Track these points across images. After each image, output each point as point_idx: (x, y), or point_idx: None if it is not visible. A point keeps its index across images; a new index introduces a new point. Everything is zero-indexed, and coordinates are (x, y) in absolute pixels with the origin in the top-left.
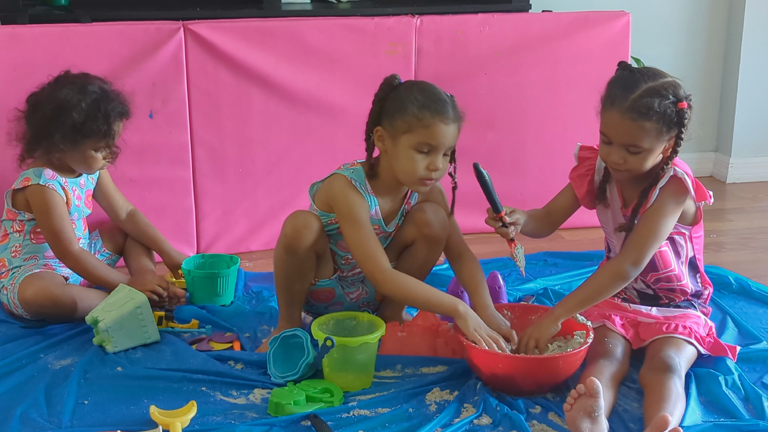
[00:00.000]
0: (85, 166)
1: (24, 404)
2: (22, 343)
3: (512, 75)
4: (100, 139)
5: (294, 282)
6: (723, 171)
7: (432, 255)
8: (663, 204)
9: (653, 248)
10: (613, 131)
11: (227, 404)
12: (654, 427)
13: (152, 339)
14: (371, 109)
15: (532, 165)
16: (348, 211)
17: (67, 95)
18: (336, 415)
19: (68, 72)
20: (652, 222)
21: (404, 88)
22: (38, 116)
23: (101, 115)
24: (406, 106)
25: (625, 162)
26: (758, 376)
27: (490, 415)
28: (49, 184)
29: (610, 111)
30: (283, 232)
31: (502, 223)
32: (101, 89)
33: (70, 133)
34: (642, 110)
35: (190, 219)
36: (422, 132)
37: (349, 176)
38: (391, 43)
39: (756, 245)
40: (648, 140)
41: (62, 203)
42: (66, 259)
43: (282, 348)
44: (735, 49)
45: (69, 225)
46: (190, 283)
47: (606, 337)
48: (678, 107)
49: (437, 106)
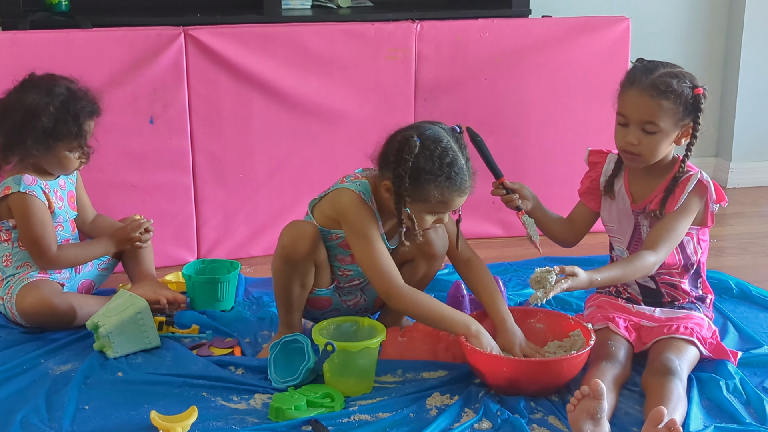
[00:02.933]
0: (61, 168)
1: (25, 409)
2: (23, 348)
3: (512, 80)
4: (73, 140)
5: (293, 290)
6: (723, 176)
7: (431, 269)
8: (689, 207)
9: (673, 247)
10: (632, 109)
11: (228, 409)
12: (650, 421)
13: (153, 344)
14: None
15: (533, 170)
16: (361, 227)
17: (34, 100)
18: (337, 420)
19: (33, 74)
20: (678, 222)
21: (424, 158)
22: (7, 123)
23: (71, 116)
24: (428, 186)
25: (640, 143)
26: (760, 381)
27: (491, 419)
28: (30, 191)
29: (629, 90)
30: (280, 243)
31: (505, 190)
32: (68, 89)
33: (42, 137)
34: (661, 87)
35: (190, 224)
36: (440, 206)
37: (357, 190)
38: (391, 49)
39: (756, 250)
40: (665, 120)
41: (43, 209)
42: (46, 265)
43: (283, 353)
44: (735, 54)
45: (50, 230)
46: (190, 289)
47: (609, 340)
48: (695, 92)
49: (457, 183)
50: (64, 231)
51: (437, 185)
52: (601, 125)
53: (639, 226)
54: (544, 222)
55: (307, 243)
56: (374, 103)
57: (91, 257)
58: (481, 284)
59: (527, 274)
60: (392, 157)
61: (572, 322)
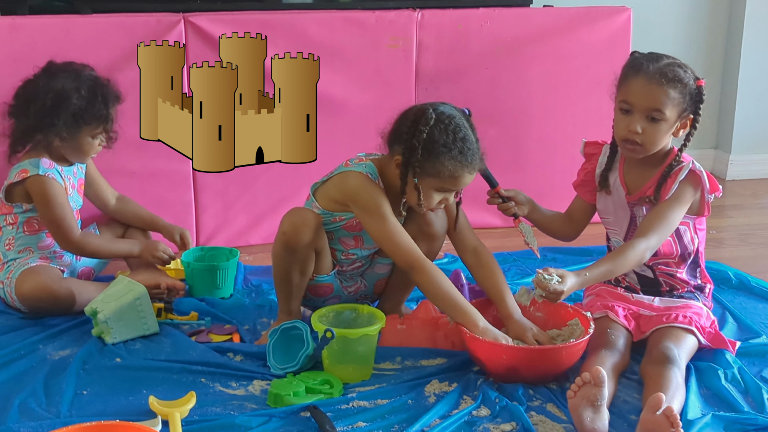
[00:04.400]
0: (80, 154)
1: (23, 394)
2: (21, 333)
3: (513, 70)
4: (99, 125)
5: (293, 278)
6: (723, 168)
7: (431, 251)
8: (681, 196)
9: (666, 236)
10: (638, 96)
11: (226, 395)
12: (649, 407)
13: (151, 331)
14: (394, 128)
15: (533, 160)
16: (373, 205)
17: (65, 84)
18: (335, 406)
19: (53, 62)
20: (670, 211)
21: (438, 131)
22: (37, 106)
23: (100, 100)
24: (440, 158)
25: (643, 132)
26: (758, 370)
27: (489, 406)
28: (49, 174)
29: (635, 78)
30: (281, 229)
31: (501, 198)
32: (94, 75)
33: (71, 120)
34: (670, 76)
35: (189, 212)
36: (450, 181)
37: (364, 171)
38: (392, 37)
39: (755, 241)
40: (670, 108)
41: (62, 192)
42: (70, 247)
43: (282, 340)
44: (735, 45)
45: (70, 213)
46: (189, 276)
47: (608, 328)
48: (697, 84)
49: (469, 159)
50: None
51: (451, 158)
52: (602, 115)
53: (635, 217)
54: (542, 222)
55: (308, 230)
56: (374, 92)
57: (113, 254)
58: (490, 275)
59: (527, 264)
60: (406, 129)
61: (571, 310)
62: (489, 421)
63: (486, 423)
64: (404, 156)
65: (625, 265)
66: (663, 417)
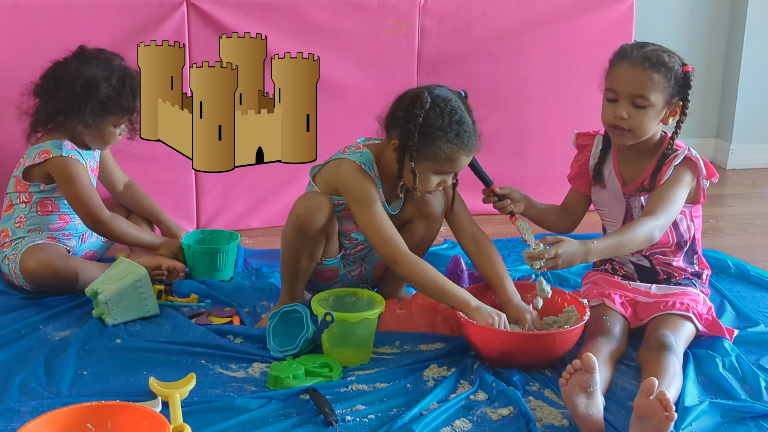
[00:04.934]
0: (101, 142)
1: (23, 373)
2: (22, 314)
3: (515, 56)
4: (123, 115)
5: (301, 262)
6: (723, 157)
7: (430, 232)
8: (681, 178)
9: (672, 217)
10: (622, 82)
11: (226, 377)
12: (642, 392)
13: (152, 312)
14: (390, 112)
15: (534, 147)
16: (361, 196)
17: (96, 71)
18: (335, 389)
19: (85, 47)
20: (672, 191)
21: (434, 114)
22: (67, 92)
23: (128, 90)
24: (436, 141)
25: (629, 117)
26: (755, 358)
27: (486, 391)
28: (72, 155)
29: (620, 64)
30: (294, 212)
31: (496, 197)
32: (123, 66)
33: (98, 108)
34: (653, 60)
35: (190, 194)
36: (447, 164)
37: (358, 160)
38: (394, 22)
39: (755, 230)
40: (655, 94)
41: (86, 172)
42: (99, 226)
43: (281, 323)
44: (738, 34)
45: (96, 193)
46: (189, 258)
47: (604, 315)
48: (684, 69)
49: (465, 141)
50: None
51: (447, 141)
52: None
53: (631, 208)
54: (539, 217)
55: (322, 215)
56: (376, 77)
57: (135, 242)
58: (489, 261)
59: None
60: (402, 113)
61: (568, 297)
62: (486, 406)
63: (484, 407)
64: (401, 140)
65: (633, 240)
66: (656, 401)
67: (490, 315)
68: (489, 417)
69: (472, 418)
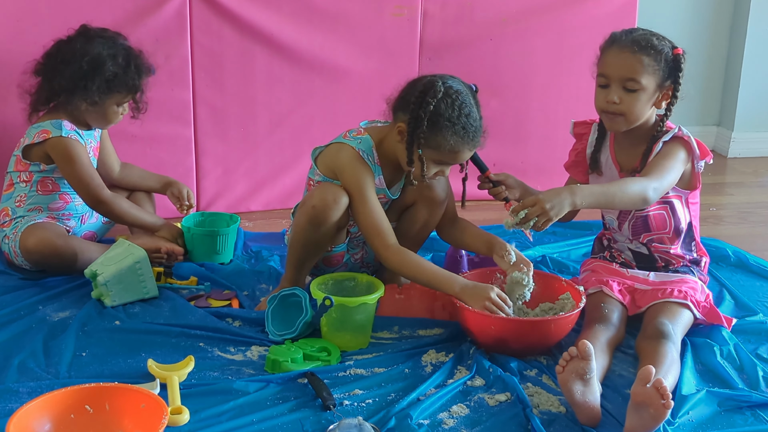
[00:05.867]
0: (103, 121)
1: (22, 354)
2: (21, 294)
3: (518, 42)
4: (127, 94)
5: (310, 252)
6: (725, 145)
7: (432, 218)
8: (671, 151)
9: (668, 183)
10: (612, 66)
11: (224, 360)
12: (639, 380)
13: (151, 294)
14: (401, 96)
15: (535, 133)
16: (356, 185)
17: (102, 49)
18: (333, 373)
19: (88, 26)
20: (664, 160)
21: (445, 105)
22: (73, 69)
23: (133, 69)
24: (444, 133)
25: (621, 102)
26: (754, 348)
27: (483, 376)
28: (72, 135)
29: (610, 49)
30: (310, 202)
31: (491, 183)
32: (127, 45)
33: (103, 85)
34: (642, 43)
35: (190, 177)
36: (449, 155)
37: (357, 147)
38: (397, 6)
39: (755, 219)
40: (645, 77)
41: (86, 152)
42: (100, 206)
43: (280, 306)
44: (742, 22)
45: (94, 172)
46: (189, 241)
47: (603, 303)
48: (674, 52)
49: (470, 135)
50: None
51: (454, 133)
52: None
53: None
54: None
55: (338, 209)
56: (378, 60)
57: (137, 222)
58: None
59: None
60: (413, 99)
61: (565, 284)
62: (484, 392)
63: (481, 393)
64: (410, 126)
65: (625, 193)
66: (653, 389)
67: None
68: (486, 403)
69: (469, 404)
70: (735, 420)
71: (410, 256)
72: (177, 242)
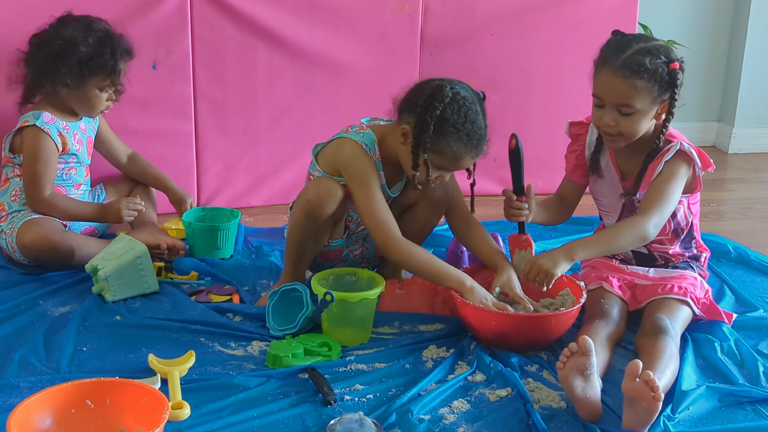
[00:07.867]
0: (88, 107)
1: (23, 349)
2: (21, 289)
3: (519, 37)
4: (106, 77)
5: (307, 245)
6: (725, 141)
7: (433, 218)
8: (676, 173)
9: (668, 212)
10: (605, 91)
11: (225, 355)
12: (627, 375)
13: (151, 289)
14: (407, 97)
15: (536, 129)
16: (361, 178)
17: (73, 32)
18: (333, 368)
19: (70, 13)
20: (666, 185)
21: (451, 110)
22: (44, 53)
23: (108, 51)
24: (448, 138)
25: (617, 125)
26: (754, 343)
27: (484, 372)
28: (45, 127)
29: (601, 71)
30: (305, 196)
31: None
32: (106, 28)
33: (77, 68)
34: (634, 67)
35: (191, 172)
36: (451, 161)
37: (360, 140)
38: (398, 1)
39: (756, 215)
40: (640, 100)
41: (52, 150)
42: (37, 205)
43: (281, 302)
44: (743, 18)
45: (51, 173)
46: (190, 236)
47: (603, 298)
48: (670, 68)
49: (474, 143)
50: (77, 174)
51: (458, 139)
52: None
53: (630, 200)
54: (542, 221)
55: (333, 203)
56: (379, 56)
57: (78, 217)
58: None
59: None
60: (421, 102)
61: (565, 280)
62: (484, 387)
63: (482, 388)
64: (416, 129)
65: (625, 244)
66: (642, 383)
67: (483, 297)
68: (487, 398)
69: (470, 399)
70: (735, 415)
71: (417, 250)
72: (125, 212)
